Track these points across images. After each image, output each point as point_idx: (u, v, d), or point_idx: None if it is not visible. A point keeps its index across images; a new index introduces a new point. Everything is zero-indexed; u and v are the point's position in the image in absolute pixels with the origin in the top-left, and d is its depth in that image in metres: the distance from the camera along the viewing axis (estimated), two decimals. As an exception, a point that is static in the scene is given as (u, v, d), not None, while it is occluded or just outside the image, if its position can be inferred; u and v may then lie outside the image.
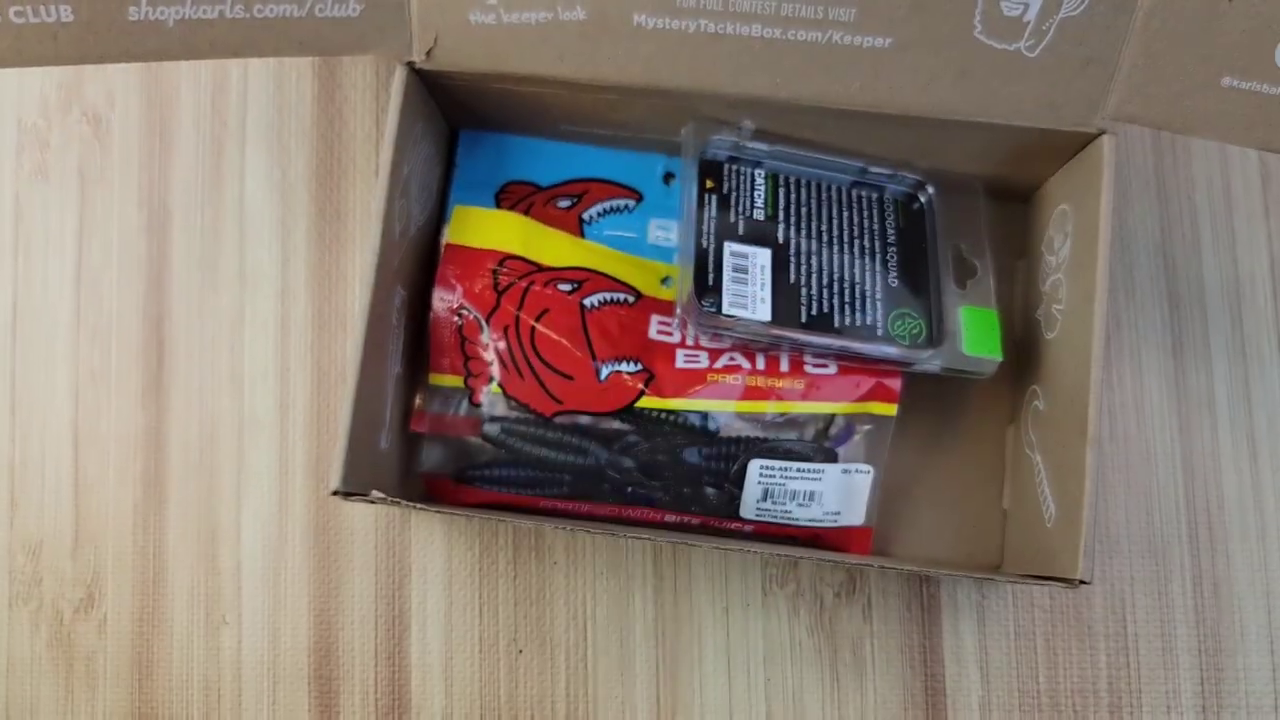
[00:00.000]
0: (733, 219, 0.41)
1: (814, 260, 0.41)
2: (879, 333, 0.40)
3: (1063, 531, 0.37)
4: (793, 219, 0.42)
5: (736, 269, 0.40)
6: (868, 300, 0.41)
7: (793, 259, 0.41)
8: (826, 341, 0.39)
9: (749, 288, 0.39)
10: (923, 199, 0.44)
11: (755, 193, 0.42)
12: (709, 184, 0.42)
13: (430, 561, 0.45)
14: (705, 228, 0.41)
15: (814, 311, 0.40)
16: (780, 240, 0.41)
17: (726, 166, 0.42)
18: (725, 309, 0.39)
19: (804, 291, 0.40)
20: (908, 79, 0.37)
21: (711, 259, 0.40)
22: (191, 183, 0.47)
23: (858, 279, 0.41)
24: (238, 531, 0.45)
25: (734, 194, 0.42)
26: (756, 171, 0.43)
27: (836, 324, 0.40)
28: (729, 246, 0.40)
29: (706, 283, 0.39)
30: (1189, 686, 0.43)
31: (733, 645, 0.44)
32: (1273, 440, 0.45)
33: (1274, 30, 0.34)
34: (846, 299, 0.41)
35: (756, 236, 0.41)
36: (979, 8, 0.36)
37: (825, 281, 0.41)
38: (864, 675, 0.44)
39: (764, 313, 0.39)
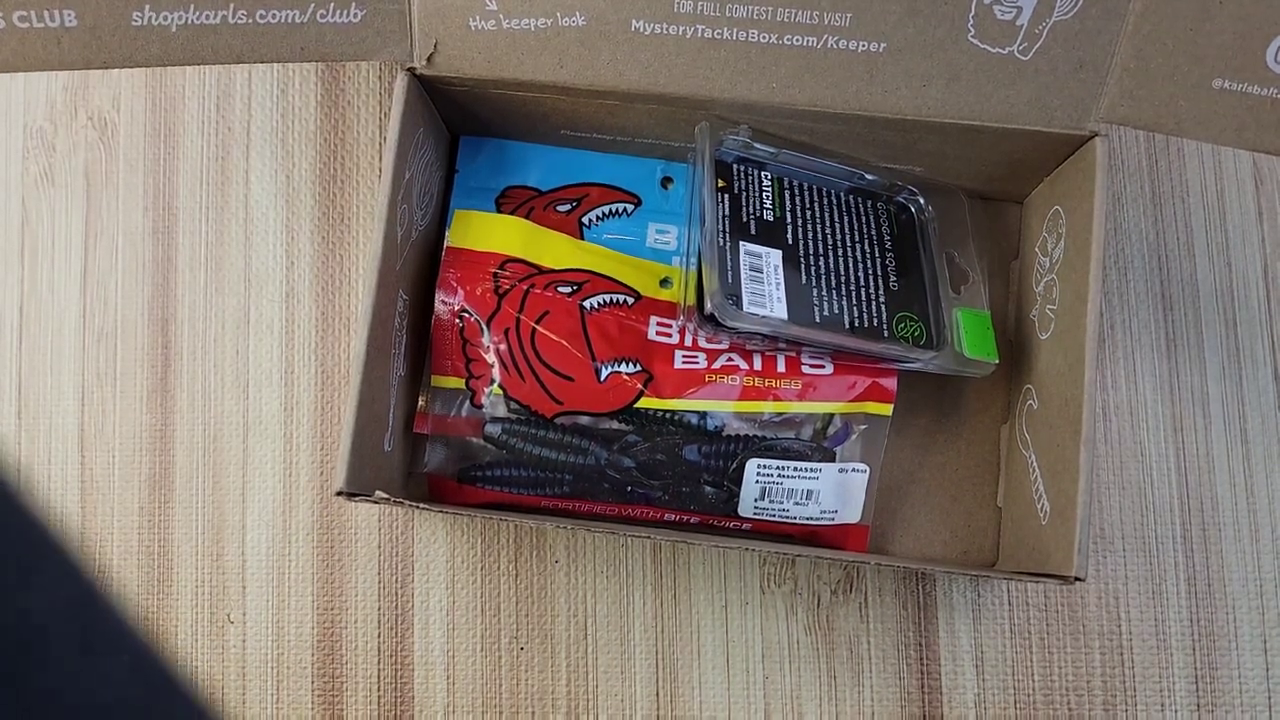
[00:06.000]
0: (744, 219, 0.41)
1: (821, 262, 0.41)
2: (884, 334, 0.40)
3: (1057, 529, 0.37)
4: (799, 221, 0.42)
5: (752, 268, 0.40)
6: (872, 302, 0.41)
7: (802, 260, 0.41)
8: (841, 341, 0.40)
9: (765, 287, 0.39)
10: (913, 209, 0.44)
11: (764, 194, 0.42)
12: (720, 183, 0.42)
13: (433, 560, 0.45)
14: (721, 226, 0.41)
15: (825, 312, 0.40)
16: (790, 241, 0.41)
17: (735, 167, 0.43)
18: (746, 307, 0.39)
19: (814, 292, 0.40)
20: (902, 82, 0.38)
21: (729, 258, 0.40)
22: (197, 186, 0.48)
23: (862, 281, 0.42)
24: (243, 531, 0.45)
25: (744, 194, 0.42)
26: (763, 173, 0.43)
27: (847, 324, 0.40)
28: (743, 246, 0.40)
29: (726, 280, 0.39)
30: (1183, 685, 0.44)
31: (731, 642, 0.44)
32: (1265, 441, 0.45)
33: (1264, 31, 0.34)
34: (853, 300, 0.41)
35: (767, 236, 0.41)
36: (972, 12, 0.36)
37: (834, 283, 0.41)
38: (860, 672, 0.44)
39: (780, 311, 0.39)
